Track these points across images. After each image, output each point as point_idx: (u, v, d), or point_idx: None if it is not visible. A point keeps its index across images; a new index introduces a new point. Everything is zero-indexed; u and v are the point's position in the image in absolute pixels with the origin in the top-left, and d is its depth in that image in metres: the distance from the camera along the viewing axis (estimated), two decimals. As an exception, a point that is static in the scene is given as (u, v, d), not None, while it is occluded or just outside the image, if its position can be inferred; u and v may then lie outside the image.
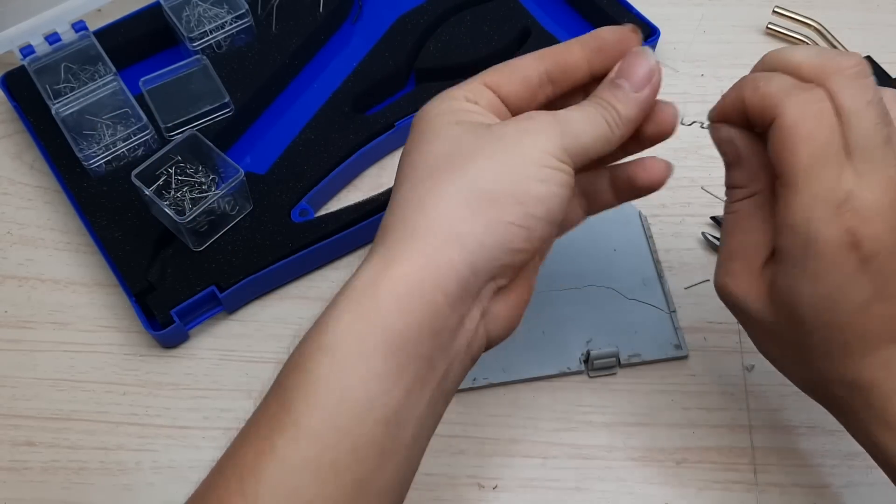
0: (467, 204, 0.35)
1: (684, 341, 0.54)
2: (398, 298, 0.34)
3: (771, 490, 0.50)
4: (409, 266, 0.34)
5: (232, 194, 0.55)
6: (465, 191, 0.35)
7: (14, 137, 0.63)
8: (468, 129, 0.37)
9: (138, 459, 0.51)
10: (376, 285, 0.34)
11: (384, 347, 0.33)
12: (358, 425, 0.33)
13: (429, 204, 0.35)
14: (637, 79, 0.39)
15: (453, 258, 0.34)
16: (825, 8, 0.69)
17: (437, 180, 0.36)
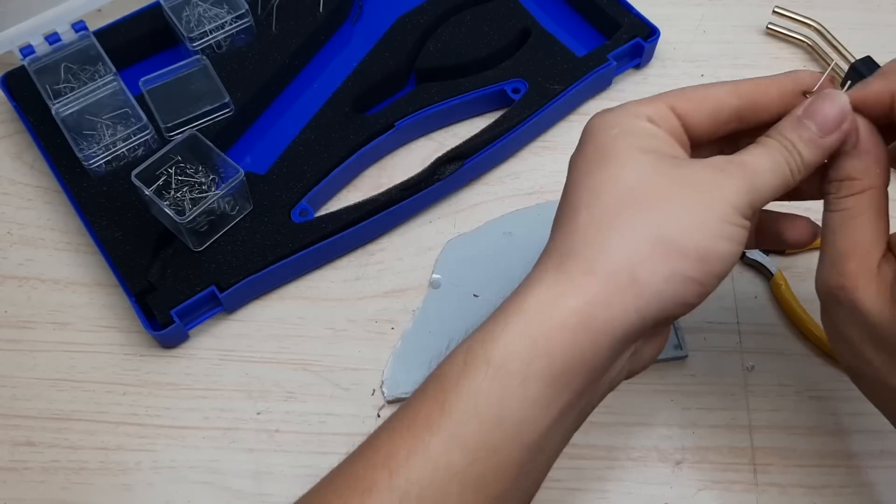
0: (652, 252, 0.35)
1: (684, 341, 0.54)
2: (568, 331, 0.34)
3: (771, 490, 0.50)
4: (584, 301, 0.34)
5: (232, 194, 0.55)
6: (652, 237, 0.35)
7: (14, 137, 0.63)
8: (657, 163, 0.36)
9: (138, 459, 0.51)
10: (549, 313, 0.35)
11: (546, 375, 0.34)
12: (507, 445, 0.34)
13: (614, 242, 0.35)
14: (827, 122, 0.38)
15: (627, 304, 0.35)
16: (825, 8, 0.69)
17: (624, 218, 0.35)
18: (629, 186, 0.36)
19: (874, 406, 0.42)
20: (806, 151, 0.38)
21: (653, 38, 0.64)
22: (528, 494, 0.37)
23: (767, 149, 0.38)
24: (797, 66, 0.67)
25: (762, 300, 0.56)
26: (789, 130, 0.38)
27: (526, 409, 0.34)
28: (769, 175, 0.37)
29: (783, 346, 0.55)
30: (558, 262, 0.36)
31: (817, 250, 0.58)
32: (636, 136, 0.37)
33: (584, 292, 0.35)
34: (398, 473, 0.33)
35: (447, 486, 0.33)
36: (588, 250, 0.35)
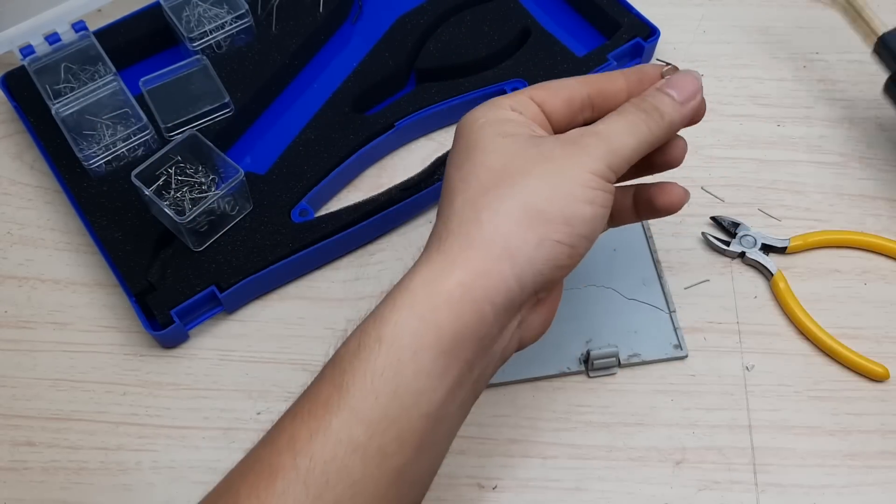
0: (520, 221, 0.37)
1: (684, 341, 0.54)
2: (452, 303, 0.36)
3: (771, 490, 0.50)
4: (465, 275, 0.37)
5: (232, 194, 0.55)
6: (519, 208, 0.38)
7: (14, 137, 0.63)
8: (517, 143, 0.40)
9: (138, 459, 0.51)
10: (434, 288, 0.37)
11: (436, 347, 0.36)
12: (406, 417, 0.36)
13: (485, 218, 0.38)
14: (685, 91, 0.43)
15: (504, 271, 0.37)
16: (825, 8, 0.69)
17: (492, 196, 0.38)
18: (495, 168, 0.39)
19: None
20: (668, 110, 0.42)
21: (653, 39, 0.64)
22: (431, 468, 0.39)
23: (622, 114, 0.41)
24: (801, 67, 0.67)
25: (762, 300, 0.56)
26: (649, 97, 0.42)
27: (420, 381, 0.36)
28: (625, 136, 0.40)
29: (783, 346, 0.55)
30: (438, 244, 0.38)
31: (818, 250, 0.58)
32: (499, 124, 0.41)
33: (464, 266, 0.37)
34: (302, 454, 0.35)
35: (349, 460, 0.35)
36: (463, 228, 0.38)
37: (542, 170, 0.39)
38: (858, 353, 0.53)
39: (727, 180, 0.61)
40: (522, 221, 0.37)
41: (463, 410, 0.39)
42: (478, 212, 0.38)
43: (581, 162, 0.39)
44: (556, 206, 0.38)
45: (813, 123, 0.64)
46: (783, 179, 0.61)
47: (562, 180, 0.38)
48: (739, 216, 0.59)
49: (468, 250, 0.37)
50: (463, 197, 0.39)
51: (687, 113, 0.43)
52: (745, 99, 0.65)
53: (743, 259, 0.58)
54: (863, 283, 0.57)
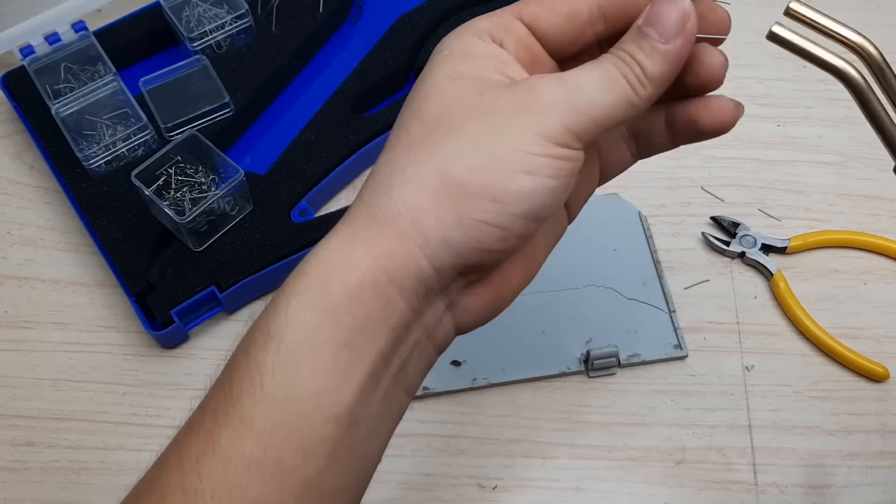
0: (435, 194, 0.30)
1: (684, 341, 0.54)
2: (350, 288, 0.30)
3: (771, 490, 0.50)
4: (366, 254, 0.31)
5: (232, 194, 0.55)
6: (435, 177, 0.30)
7: (14, 137, 0.63)
8: (465, 89, 0.32)
9: (138, 459, 0.51)
10: (331, 269, 0.31)
11: (334, 340, 0.30)
12: (305, 423, 0.30)
13: (396, 185, 0.31)
14: (666, 26, 0.32)
15: (413, 252, 0.31)
16: (825, 8, 0.69)
17: (411, 157, 0.31)
18: (428, 120, 0.32)
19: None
20: (648, 62, 0.32)
21: (653, 38, 0.64)
22: (357, 474, 0.33)
23: (599, 63, 0.32)
24: (801, 67, 0.67)
25: (762, 300, 0.56)
26: (627, 42, 0.32)
27: (320, 380, 0.30)
28: (598, 92, 0.31)
29: (783, 346, 0.55)
30: (348, 214, 0.32)
31: (818, 250, 0.58)
32: (459, 60, 0.32)
33: (366, 243, 0.31)
34: (190, 473, 0.30)
35: (243, 478, 0.30)
36: (373, 196, 0.31)
37: (476, 127, 0.31)
38: (858, 353, 0.53)
39: (727, 180, 0.61)
40: (438, 193, 0.30)
41: (389, 407, 0.33)
42: (391, 176, 0.31)
43: (528, 120, 0.30)
44: (482, 178, 0.30)
45: (813, 123, 0.64)
46: (783, 179, 0.61)
47: (497, 143, 0.30)
48: (739, 216, 0.59)
49: (374, 224, 0.31)
50: (387, 155, 0.32)
51: (674, 53, 0.32)
52: (745, 99, 0.64)
53: (743, 259, 0.58)
54: (863, 283, 0.57)
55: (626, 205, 0.59)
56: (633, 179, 0.61)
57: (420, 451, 0.51)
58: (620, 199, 0.60)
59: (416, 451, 0.51)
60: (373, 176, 0.32)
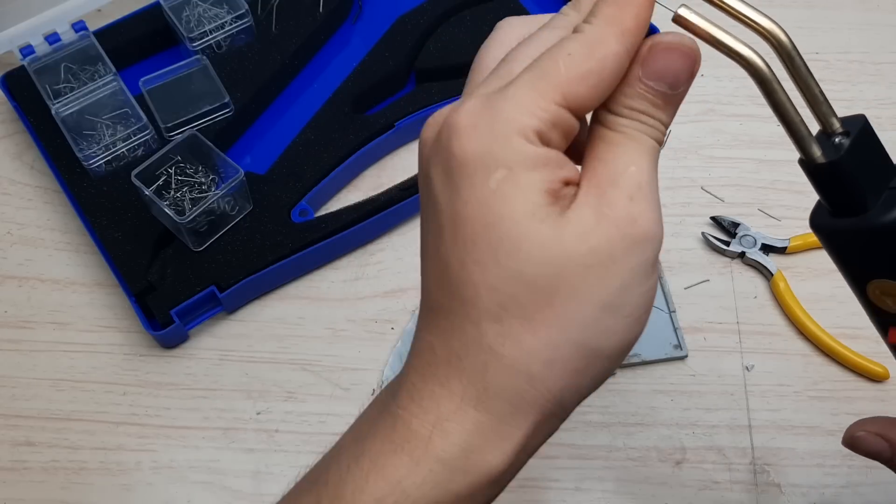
0: (576, 369, 0.28)
1: (684, 341, 0.54)
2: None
3: (771, 490, 0.50)
4: (506, 457, 0.28)
5: (232, 194, 0.55)
6: (575, 353, 0.28)
7: (14, 137, 0.63)
8: (563, 238, 0.28)
9: (138, 459, 0.51)
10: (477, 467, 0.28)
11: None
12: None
13: (537, 373, 0.28)
14: (679, 78, 0.32)
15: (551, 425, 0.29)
16: (825, 8, 0.70)
17: (542, 336, 0.28)
18: (541, 289, 0.28)
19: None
20: (665, 115, 0.31)
21: (653, 38, 0.64)
22: None
23: (636, 141, 0.31)
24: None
25: (762, 300, 0.56)
26: (639, 100, 0.30)
27: None
28: (649, 172, 0.31)
29: (783, 346, 0.55)
30: (485, 404, 0.28)
31: (818, 250, 0.58)
32: (529, 190, 0.27)
33: (511, 440, 0.28)
34: None
35: None
36: (508, 382, 0.28)
37: (601, 286, 0.28)
38: (858, 353, 0.53)
39: (727, 180, 0.61)
40: (579, 368, 0.28)
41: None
42: (525, 363, 0.28)
43: (639, 259, 0.29)
44: (616, 339, 0.28)
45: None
46: (783, 179, 0.61)
47: (624, 297, 0.28)
48: (739, 216, 0.59)
49: (522, 416, 0.28)
50: (495, 328, 0.28)
51: (684, 94, 0.32)
52: (745, 99, 0.65)
53: (743, 259, 0.58)
54: (863, 283, 0.57)
55: None
56: (633, 179, 0.61)
57: (420, 451, 0.51)
58: None
59: (416, 451, 0.51)
60: (476, 339, 0.28)
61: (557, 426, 0.30)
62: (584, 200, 0.29)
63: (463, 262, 0.28)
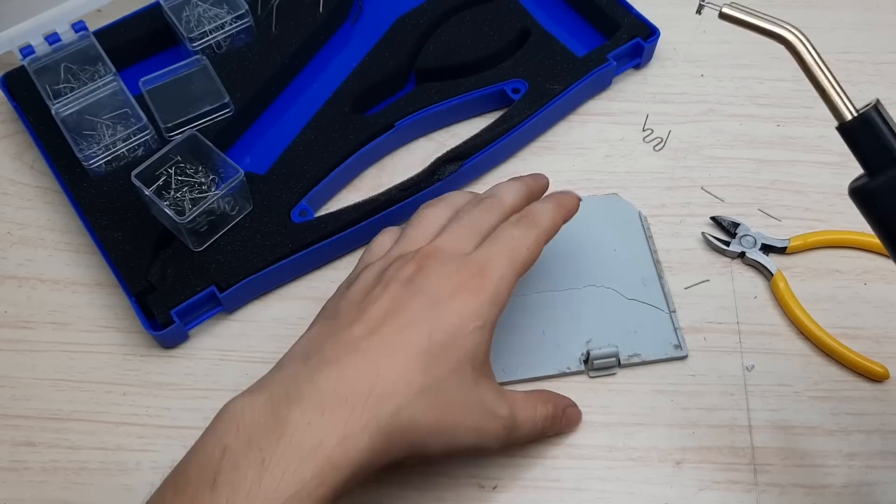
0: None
1: (684, 341, 0.54)
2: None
3: (771, 490, 0.50)
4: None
5: (232, 194, 0.55)
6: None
7: (14, 137, 0.63)
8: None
9: (138, 459, 0.51)
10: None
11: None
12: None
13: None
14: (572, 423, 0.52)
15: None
16: (825, 8, 0.70)
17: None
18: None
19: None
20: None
21: (653, 39, 0.64)
22: None
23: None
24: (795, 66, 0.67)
25: (762, 300, 0.56)
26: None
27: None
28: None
29: (783, 346, 0.55)
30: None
31: (818, 250, 0.58)
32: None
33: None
34: None
35: None
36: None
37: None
38: (858, 353, 0.53)
39: (727, 180, 0.61)
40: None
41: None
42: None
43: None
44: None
45: (813, 123, 0.64)
46: (783, 179, 0.61)
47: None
48: (739, 216, 0.59)
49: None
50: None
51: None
52: (745, 99, 0.65)
53: (743, 259, 0.58)
54: (863, 283, 0.57)
55: (626, 204, 0.59)
56: (633, 179, 0.61)
57: (420, 451, 0.51)
58: (620, 199, 0.60)
59: (416, 451, 0.51)
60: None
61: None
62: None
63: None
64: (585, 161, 0.62)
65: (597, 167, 0.62)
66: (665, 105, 0.64)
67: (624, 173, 0.62)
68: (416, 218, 0.49)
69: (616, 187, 0.60)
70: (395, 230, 0.50)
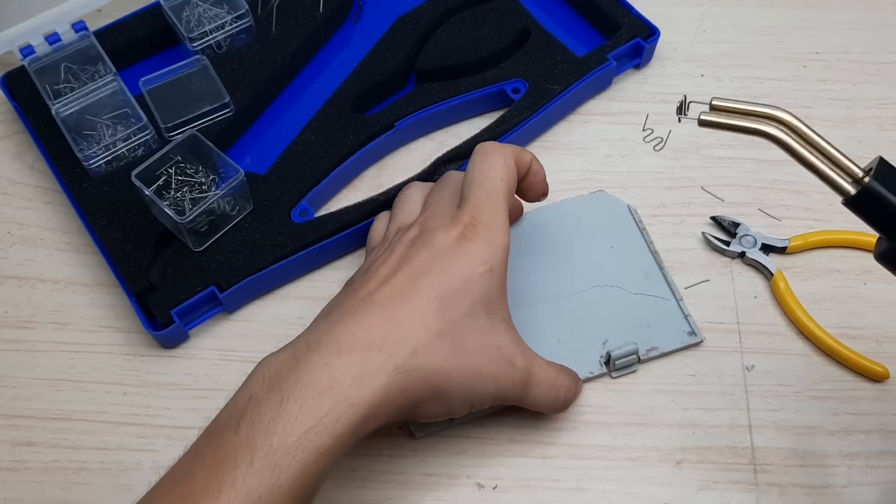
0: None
1: (696, 327, 0.54)
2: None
3: (771, 490, 0.50)
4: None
5: (232, 194, 0.55)
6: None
7: (14, 137, 0.63)
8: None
9: (138, 459, 0.51)
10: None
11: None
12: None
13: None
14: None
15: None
16: (825, 8, 0.70)
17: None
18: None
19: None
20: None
21: (653, 39, 0.64)
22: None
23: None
24: (801, 67, 0.67)
25: (762, 300, 0.56)
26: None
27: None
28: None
29: (783, 346, 0.55)
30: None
31: (818, 250, 0.58)
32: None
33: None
34: None
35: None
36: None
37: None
38: (858, 353, 0.53)
39: (727, 180, 0.61)
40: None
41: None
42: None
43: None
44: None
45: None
46: (783, 179, 0.61)
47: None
48: (739, 216, 0.59)
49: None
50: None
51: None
52: (746, 99, 0.65)
53: (743, 259, 0.58)
54: (863, 283, 0.57)
55: (613, 199, 0.59)
56: (633, 179, 0.61)
57: (420, 451, 0.51)
58: (607, 194, 0.60)
59: (416, 451, 0.51)
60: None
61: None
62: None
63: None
64: (586, 161, 0.62)
65: (597, 167, 0.62)
66: (665, 105, 0.64)
67: (624, 173, 0.62)
68: (401, 197, 0.54)
69: (616, 187, 0.60)
70: (386, 214, 0.55)
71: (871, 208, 0.38)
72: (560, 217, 0.58)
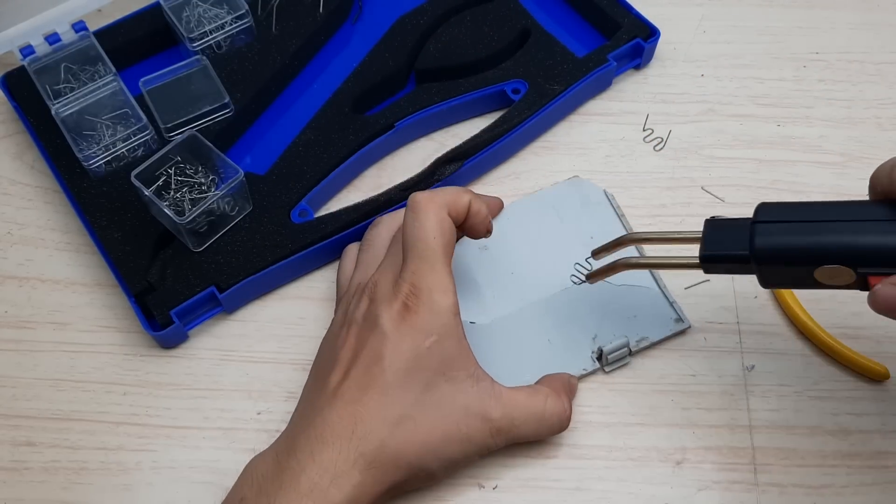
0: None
1: (682, 313, 0.54)
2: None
3: (771, 490, 0.50)
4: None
5: (232, 195, 0.55)
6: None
7: (14, 137, 0.63)
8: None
9: (138, 459, 0.51)
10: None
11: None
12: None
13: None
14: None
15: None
16: (825, 8, 0.70)
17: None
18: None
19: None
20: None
21: (653, 39, 0.64)
22: None
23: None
24: (801, 67, 0.67)
25: (762, 300, 0.56)
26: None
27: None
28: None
29: (783, 346, 0.55)
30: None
31: (817, 250, 0.58)
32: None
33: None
34: None
35: None
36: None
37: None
38: (858, 353, 0.53)
39: (727, 180, 0.61)
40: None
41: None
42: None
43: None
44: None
45: (813, 123, 0.64)
46: (783, 179, 0.61)
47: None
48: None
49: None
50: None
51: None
52: (745, 99, 0.65)
53: (743, 259, 0.58)
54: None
55: (589, 185, 0.59)
56: (633, 179, 0.61)
57: (420, 452, 0.51)
58: (582, 180, 0.60)
59: (416, 452, 0.51)
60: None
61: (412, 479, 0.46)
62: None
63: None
64: (586, 161, 0.62)
65: (597, 167, 0.62)
66: (665, 105, 0.64)
67: (624, 173, 0.62)
68: (369, 239, 0.54)
69: (616, 187, 0.60)
70: (354, 250, 0.55)
71: (718, 267, 0.47)
72: (540, 207, 0.58)
